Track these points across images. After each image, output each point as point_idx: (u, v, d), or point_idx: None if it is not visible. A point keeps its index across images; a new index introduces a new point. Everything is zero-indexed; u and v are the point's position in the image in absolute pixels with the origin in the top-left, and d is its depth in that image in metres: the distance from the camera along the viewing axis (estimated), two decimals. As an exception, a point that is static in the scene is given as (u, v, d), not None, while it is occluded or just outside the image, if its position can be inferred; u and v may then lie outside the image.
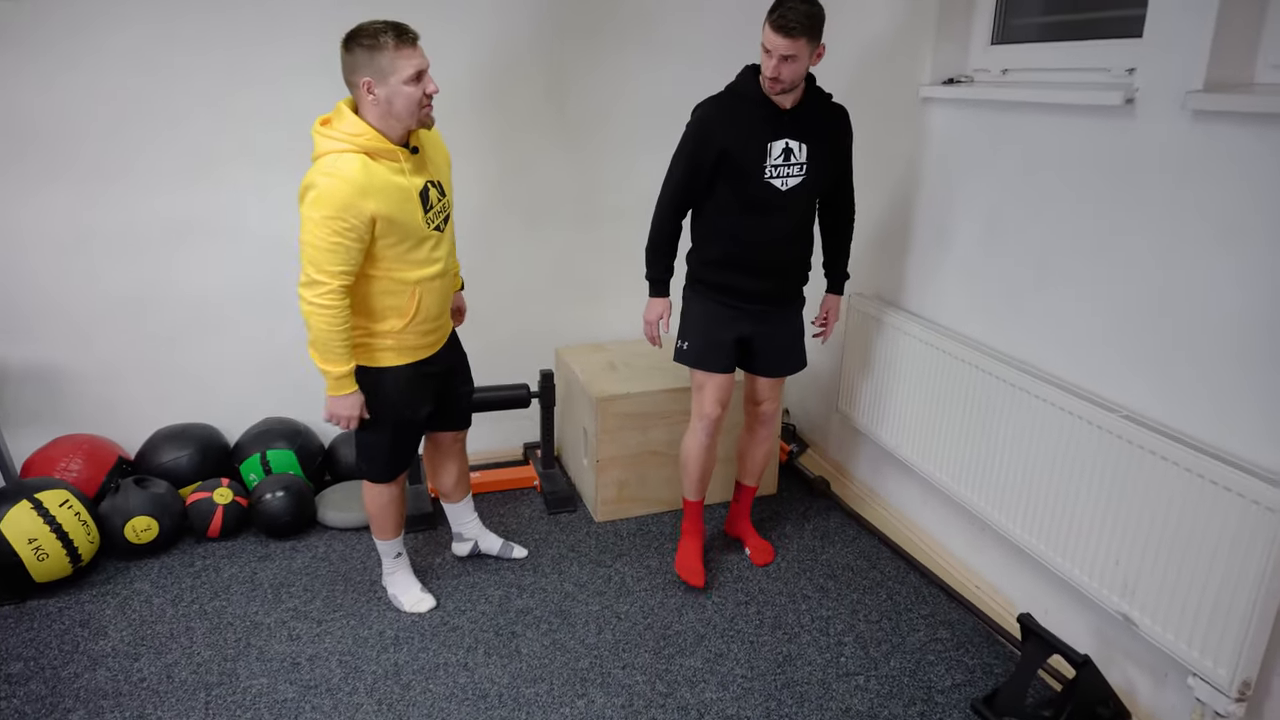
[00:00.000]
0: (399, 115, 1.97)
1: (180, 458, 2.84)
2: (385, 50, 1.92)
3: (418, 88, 1.97)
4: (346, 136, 1.95)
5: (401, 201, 2.01)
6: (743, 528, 2.80)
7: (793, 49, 2.08)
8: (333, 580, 2.59)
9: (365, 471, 2.34)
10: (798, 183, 2.29)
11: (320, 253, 1.94)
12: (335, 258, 1.95)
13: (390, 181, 1.99)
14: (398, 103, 1.96)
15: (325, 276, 1.95)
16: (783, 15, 2.05)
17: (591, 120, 3.12)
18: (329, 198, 1.91)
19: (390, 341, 2.15)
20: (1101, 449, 1.99)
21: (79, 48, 2.57)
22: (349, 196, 1.91)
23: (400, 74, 1.93)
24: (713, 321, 2.43)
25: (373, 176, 1.96)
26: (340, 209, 1.91)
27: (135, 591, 2.50)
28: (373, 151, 1.97)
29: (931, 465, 2.62)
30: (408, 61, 1.94)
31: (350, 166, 1.93)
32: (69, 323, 2.80)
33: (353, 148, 1.95)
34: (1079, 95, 2.04)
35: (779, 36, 2.07)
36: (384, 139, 1.98)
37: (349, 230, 1.93)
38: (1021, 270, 2.30)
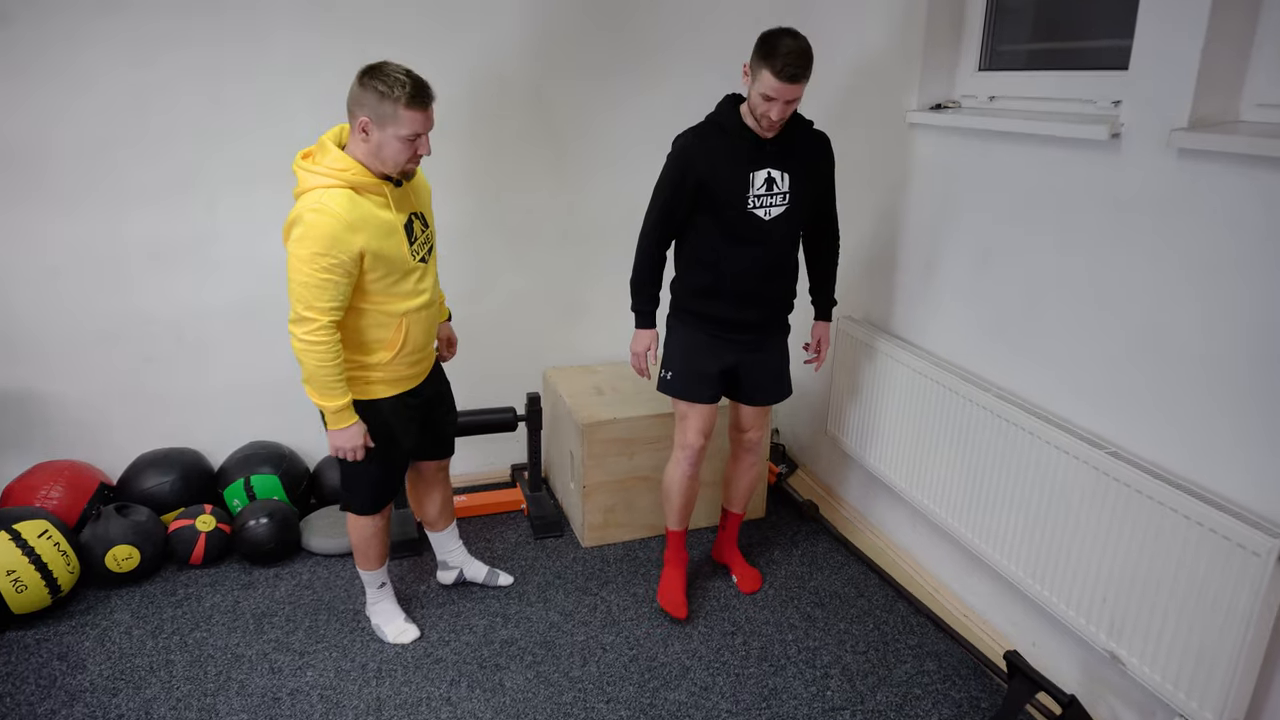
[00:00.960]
0: (383, 161, 1.97)
1: (163, 484, 2.81)
2: (394, 103, 1.90)
3: (410, 146, 1.96)
4: (333, 171, 1.94)
5: (388, 235, 2.00)
6: (730, 554, 2.78)
7: (797, 93, 2.08)
8: (316, 609, 2.56)
9: (349, 504, 2.31)
10: (781, 212, 2.28)
11: (309, 290, 1.92)
12: (324, 294, 1.93)
13: (376, 215, 1.98)
14: (385, 151, 1.95)
15: (315, 313, 1.93)
16: (787, 64, 2.03)
17: (580, 140, 3.10)
18: (316, 234, 1.89)
19: (379, 374, 2.13)
20: (1088, 485, 1.98)
21: (55, 71, 2.54)
22: (337, 232, 1.90)
23: (398, 130, 1.93)
24: (697, 351, 2.41)
25: (360, 211, 1.94)
26: (328, 245, 1.89)
27: (115, 622, 2.48)
28: (358, 186, 1.96)
29: (919, 493, 2.61)
30: (410, 122, 1.93)
31: (337, 202, 1.91)
32: (50, 347, 2.77)
33: (339, 182, 1.94)
34: (1066, 128, 2.03)
35: (786, 84, 2.05)
36: (369, 173, 1.97)
37: (337, 266, 1.92)
38: (1010, 301, 2.29)
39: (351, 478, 2.25)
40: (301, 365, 1.99)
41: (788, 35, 2.05)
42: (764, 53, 2.06)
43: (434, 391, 2.33)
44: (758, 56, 2.09)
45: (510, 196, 3.09)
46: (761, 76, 2.08)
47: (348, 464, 2.22)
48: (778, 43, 2.04)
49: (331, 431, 2.08)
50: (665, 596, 2.57)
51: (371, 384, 2.14)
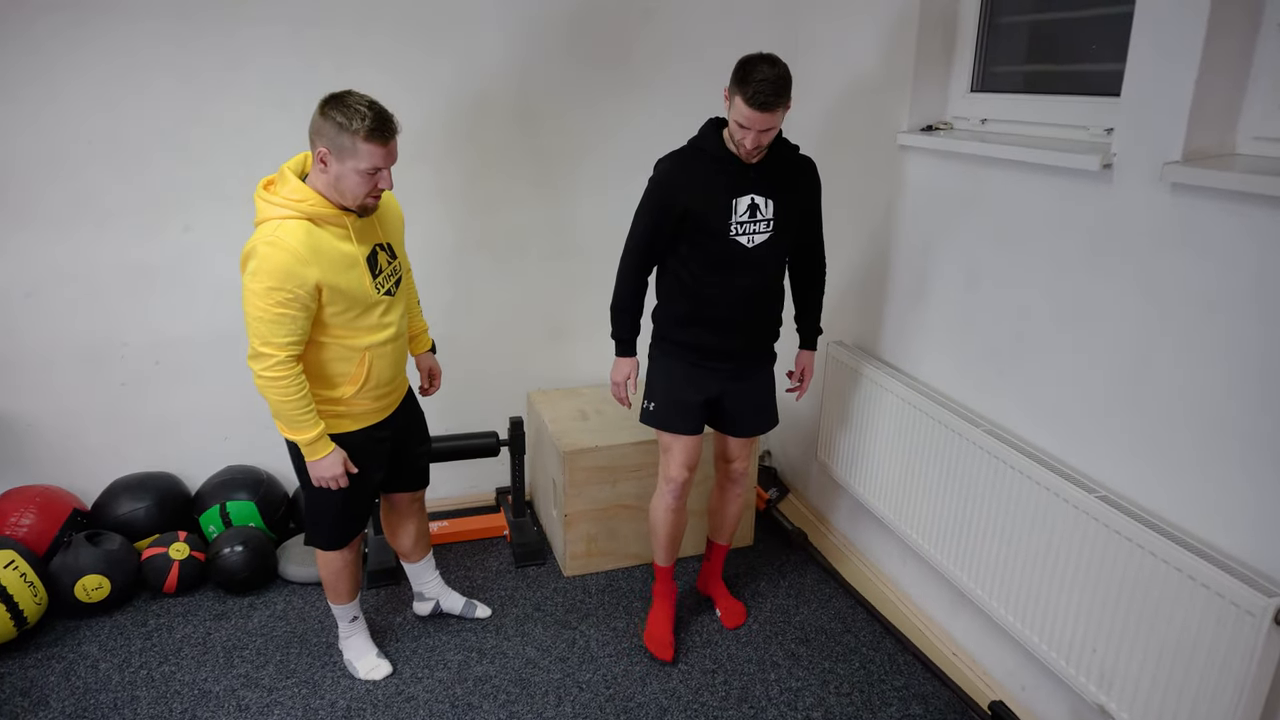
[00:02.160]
0: (342, 194, 1.90)
1: (138, 510, 2.76)
2: (353, 135, 1.82)
3: (369, 180, 1.89)
4: (289, 202, 1.87)
5: (347, 268, 1.94)
6: (714, 587, 2.71)
7: (773, 121, 2.01)
8: (288, 642, 2.50)
9: (313, 539, 2.26)
10: (765, 239, 2.20)
11: (264, 325, 1.86)
12: (281, 329, 1.87)
13: (335, 248, 1.91)
14: (344, 184, 1.88)
15: (271, 349, 1.87)
16: (758, 91, 1.95)
17: (566, 159, 3.04)
18: (270, 268, 1.82)
19: (341, 408, 2.07)
20: (1077, 529, 1.90)
21: (37, 91, 2.50)
22: (290, 266, 1.83)
23: (357, 163, 1.85)
24: (679, 381, 2.34)
25: (317, 243, 1.88)
26: (282, 279, 1.83)
27: (82, 655, 2.43)
28: (316, 217, 1.89)
29: (907, 526, 2.53)
30: (369, 155, 1.85)
31: (292, 235, 1.85)
32: (25, 369, 2.72)
33: (295, 214, 1.87)
34: (1057, 157, 1.95)
35: (758, 113, 1.98)
36: (329, 204, 1.90)
37: (292, 300, 1.85)
38: (999, 331, 2.21)
39: (316, 512, 2.19)
40: (267, 401, 1.94)
41: (764, 62, 1.98)
42: (739, 79, 1.99)
43: (405, 423, 2.27)
44: (733, 83, 2.01)
45: (495, 216, 3.03)
46: (736, 104, 2.01)
47: (312, 498, 2.17)
48: (752, 70, 1.97)
49: (310, 464, 2.02)
50: (652, 637, 2.49)
51: (337, 418, 2.08)
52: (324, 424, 2.00)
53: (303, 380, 1.94)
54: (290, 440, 2.01)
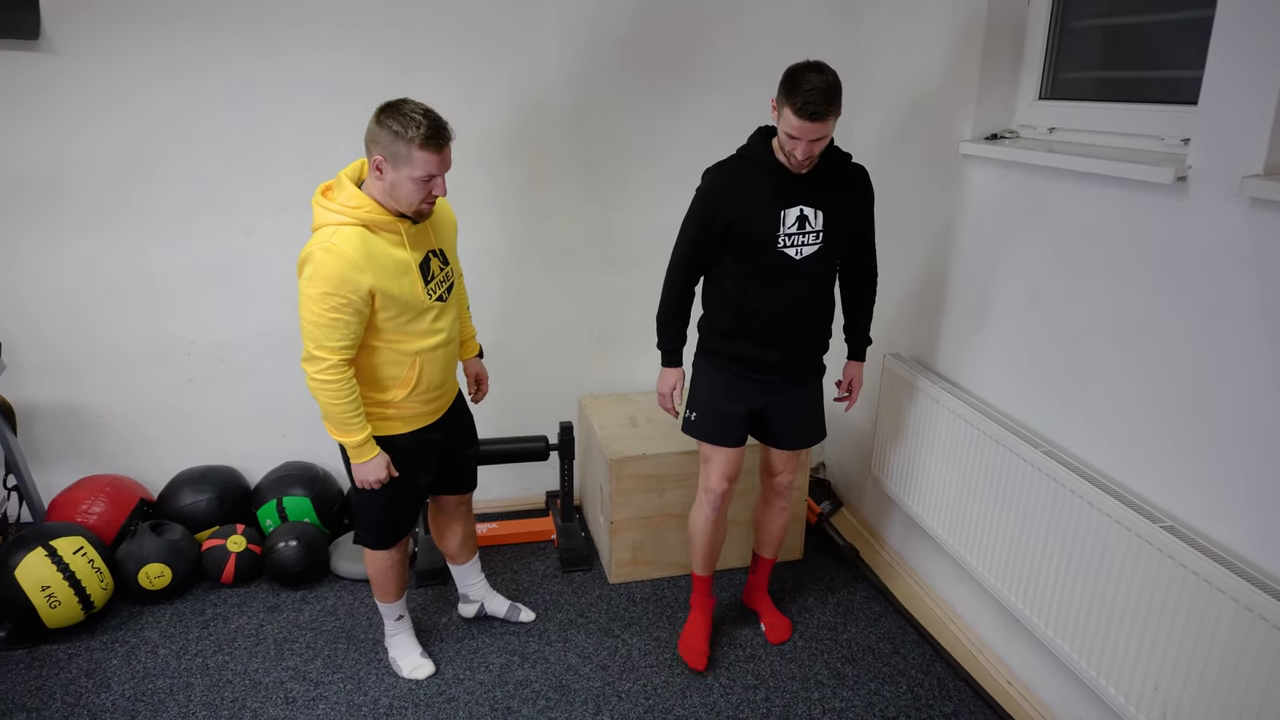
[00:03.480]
0: (397, 200, 1.93)
1: (199, 502, 2.85)
2: (408, 143, 1.85)
3: (424, 187, 1.91)
4: (345, 209, 1.91)
5: (400, 274, 1.96)
6: (759, 601, 2.66)
7: (823, 131, 1.96)
8: (336, 637, 2.55)
9: (361, 538, 2.30)
10: (813, 251, 2.15)
11: (319, 329, 1.90)
12: (335, 333, 1.90)
13: (389, 254, 1.95)
14: (399, 191, 1.91)
15: (325, 352, 1.91)
16: (808, 101, 1.90)
17: (618, 167, 3.03)
18: (325, 274, 1.86)
19: (392, 411, 2.10)
20: (1140, 561, 1.81)
21: (104, 99, 2.60)
22: (345, 272, 1.87)
23: (412, 170, 1.88)
24: (722, 392, 2.31)
25: (371, 250, 1.91)
26: (337, 285, 1.87)
27: (143, 640, 2.51)
28: (371, 224, 1.93)
29: (961, 546, 2.45)
30: (424, 163, 1.87)
31: (347, 241, 1.89)
32: (99, 365, 2.84)
33: (351, 220, 1.91)
34: (1127, 168, 1.86)
35: (807, 123, 1.93)
36: (384, 211, 1.94)
37: (346, 306, 1.89)
38: (1061, 349, 2.12)
39: (364, 512, 2.23)
40: (318, 403, 1.98)
41: (812, 71, 1.93)
42: (787, 89, 1.95)
43: (454, 426, 2.29)
44: (781, 93, 1.97)
45: (548, 224, 3.04)
46: (784, 114, 1.96)
47: (361, 498, 2.20)
48: (800, 79, 1.92)
49: (355, 466, 2.06)
50: (686, 645, 2.47)
51: (387, 420, 2.11)
52: (370, 428, 2.03)
53: (354, 384, 1.97)
54: (338, 441, 2.04)
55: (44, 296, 2.74)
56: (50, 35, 2.54)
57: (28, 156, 2.61)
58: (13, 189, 2.62)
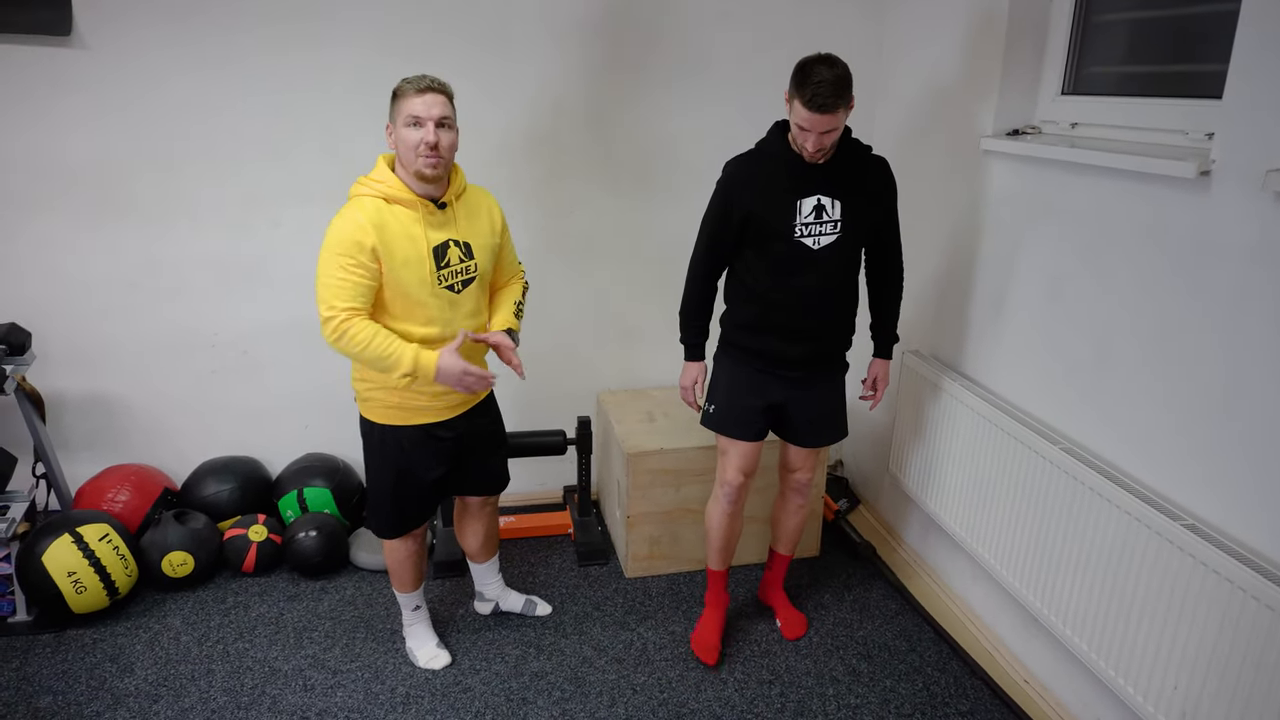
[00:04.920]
0: (402, 160, 2.00)
1: (222, 492, 2.89)
2: (399, 95, 1.97)
3: (415, 133, 1.95)
4: (370, 183, 2.01)
5: (407, 249, 1.99)
6: (775, 597, 2.66)
7: (832, 123, 1.97)
8: (354, 627, 2.58)
9: (372, 525, 2.33)
10: (832, 241, 2.15)
11: (328, 289, 1.94)
12: (343, 291, 1.93)
13: (402, 228, 1.99)
14: (399, 146, 1.99)
15: (333, 310, 1.93)
16: (815, 94, 1.92)
17: (637, 162, 3.04)
18: (335, 236, 1.94)
19: (395, 399, 2.11)
20: (1160, 559, 1.79)
21: (133, 94, 2.65)
22: (352, 232, 1.93)
23: (401, 115, 1.96)
24: (742, 386, 2.31)
25: (383, 219, 1.97)
26: (345, 246, 1.93)
27: (166, 627, 2.55)
28: (391, 198, 1.99)
29: (979, 544, 2.44)
30: (409, 106, 1.95)
31: (360, 208, 1.97)
32: (125, 356, 2.89)
33: (373, 193, 1.99)
34: (1149, 163, 1.84)
35: (817, 115, 1.94)
36: (405, 189, 1.99)
37: (354, 265, 1.93)
38: (1082, 346, 2.10)
39: (374, 499, 2.26)
40: (358, 360, 1.99)
41: (822, 64, 1.94)
42: (797, 82, 1.96)
43: (475, 428, 2.26)
44: (792, 85, 1.99)
45: (568, 219, 3.05)
46: (795, 107, 1.98)
47: (372, 485, 2.24)
48: (810, 72, 1.93)
49: (437, 378, 1.99)
50: (699, 640, 2.48)
51: (386, 408, 2.13)
52: (413, 349, 1.97)
53: (372, 325, 1.95)
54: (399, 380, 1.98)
55: (73, 288, 2.79)
56: (82, 31, 2.58)
57: (58, 150, 2.65)
58: (43, 182, 2.68)
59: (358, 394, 2.17)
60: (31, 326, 2.71)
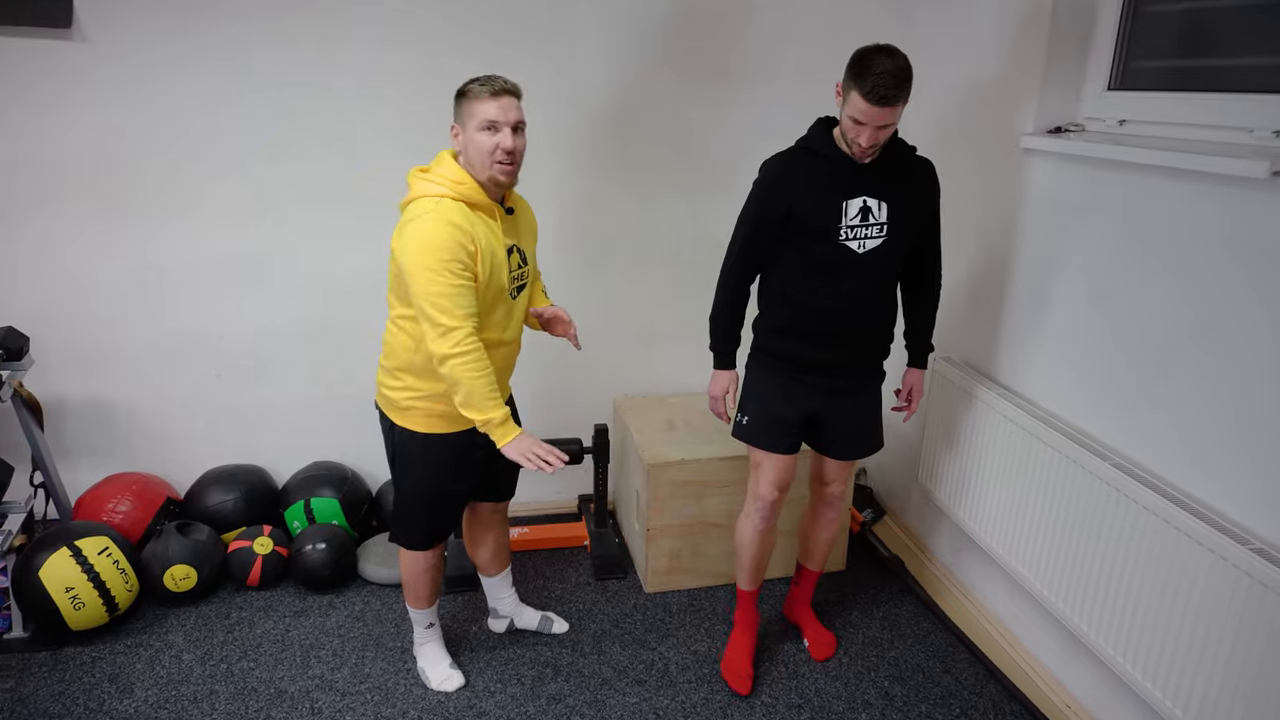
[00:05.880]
0: (472, 165, 1.89)
1: (226, 502, 2.79)
2: (469, 97, 1.88)
3: (490, 138, 1.86)
4: (448, 182, 1.88)
5: (491, 255, 1.91)
6: (802, 614, 2.55)
7: (891, 117, 1.86)
8: (364, 644, 2.47)
9: (398, 537, 2.22)
10: (877, 245, 2.04)
11: (447, 298, 1.82)
12: (463, 299, 1.83)
13: (485, 233, 1.90)
14: (470, 151, 1.89)
15: (458, 320, 1.82)
16: (878, 85, 1.81)
17: (657, 161, 2.93)
18: (441, 241, 1.81)
19: (441, 407, 2.01)
20: (1225, 586, 1.68)
21: (136, 89, 2.55)
22: (458, 237, 1.83)
23: (475, 120, 1.86)
24: (776, 396, 2.20)
25: (472, 222, 1.87)
26: (455, 250, 1.82)
27: (168, 644, 2.45)
28: (471, 201, 1.89)
29: (1017, 561, 2.32)
30: (483, 109, 1.86)
31: (453, 210, 1.85)
32: (127, 360, 2.79)
33: (453, 194, 1.87)
34: (1215, 162, 1.72)
35: (877, 108, 1.83)
36: (483, 192, 1.90)
37: (465, 270, 1.84)
38: (1132, 355, 1.99)
39: (405, 510, 2.16)
40: (458, 384, 1.86)
41: (882, 54, 1.83)
42: (855, 72, 1.84)
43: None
44: (848, 76, 1.87)
45: (586, 219, 2.95)
46: (851, 98, 1.86)
47: (403, 495, 2.14)
48: (870, 61, 1.82)
49: (504, 448, 1.92)
50: (729, 666, 2.37)
51: (428, 416, 2.03)
52: (506, 407, 1.92)
53: (485, 354, 1.88)
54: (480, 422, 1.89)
55: (73, 290, 2.69)
56: (82, 24, 2.48)
57: (57, 147, 2.56)
58: (41, 180, 2.58)
59: (393, 403, 2.06)
60: (29, 330, 2.61)
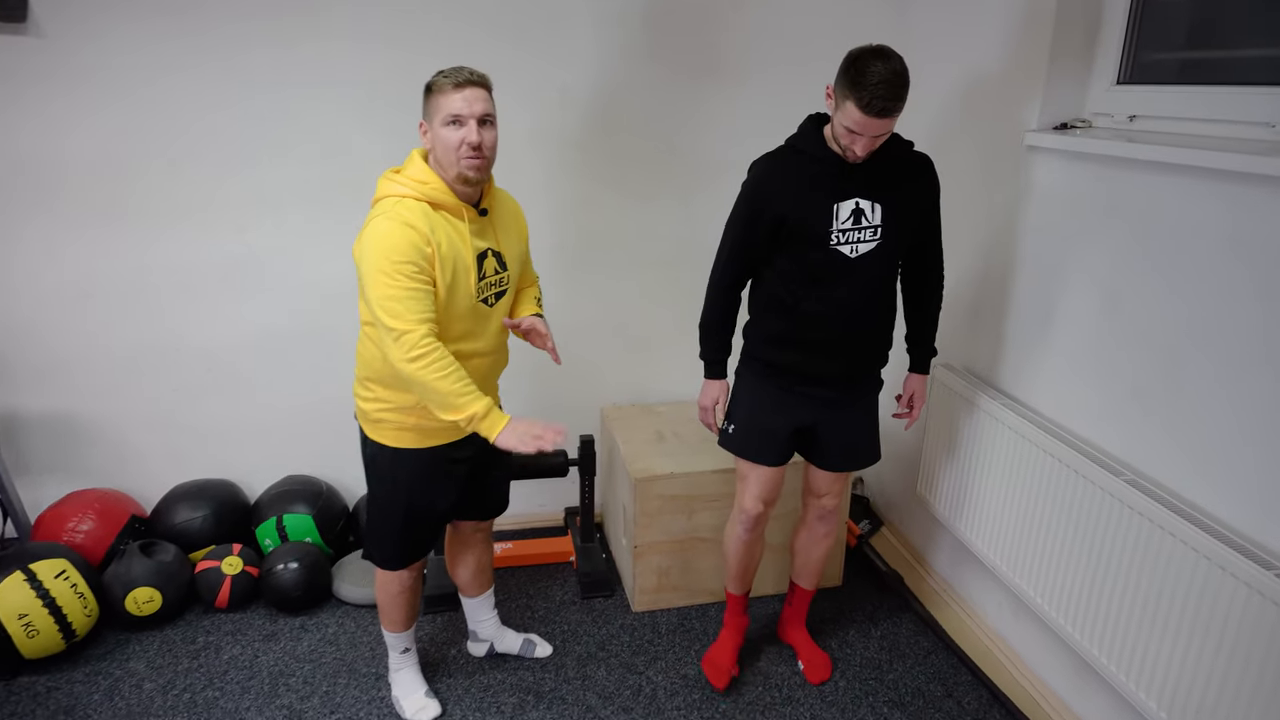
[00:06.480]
0: (440, 161, 1.78)
1: (194, 519, 2.66)
2: (434, 91, 1.77)
3: (455, 133, 1.74)
4: (412, 183, 1.78)
5: (455, 259, 1.79)
6: (796, 635, 2.44)
7: (887, 127, 1.76)
8: (336, 671, 2.35)
9: (372, 556, 2.09)
10: (871, 249, 1.93)
11: (397, 302, 1.70)
12: (415, 304, 1.71)
13: (449, 235, 1.79)
14: (437, 147, 1.78)
15: (410, 324, 1.70)
16: (876, 96, 1.69)
17: (646, 159, 2.81)
18: (395, 242, 1.70)
19: (412, 420, 1.89)
20: (1249, 613, 1.56)
21: (94, 88, 2.41)
22: (413, 238, 1.72)
23: (440, 114, 1.75)
24: (766, 406, 2.09)
25: (433, 224, 1.76)
26: (409, 252, 1.71)
27: (129, 672, 2.32)
28: (436, 201, 1.78)
29: (1022, 579, 2.21)
30: (448, 103, 1.74)
31: (411, 211, 1.74)
32: (90, 372, 2.66)
33: (416, 195, 1.76)
34: (1231, 159, 1.61)
35: (873, 119, 1.72)
36: (449, 192, 1.79)
37: (420, 273, 1.72)
38: (1147, 364, 1.88)
39: (378, 527, 2.03)
40: (423, 388, 1.73)
41: (878, 58, 1.70)
42: (850, 80, 1.72)
43: (485, 448, 2.00)
44: (843, 84, 1.75)
45: (572, 220, 2.82)
46: (846, 108, 1.74)
47: (376, 512, 2.02)
48: (865, 69, 1.70)
49: (498, 440, 1.77)
50: (711, 660, 2.32)
51: (399, 430, 1.91)
52: (485, 399, 1.77)
53: (448, 354, 1.74)
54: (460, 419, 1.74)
55: (33, 299, 2.56)
56: (39, 18, 2.35)
57: (8, 149, 2.42)
58: (-6, 184, 2.45)
59: (365, 414, 1.94)
60: (-17, 341, 2.49)
